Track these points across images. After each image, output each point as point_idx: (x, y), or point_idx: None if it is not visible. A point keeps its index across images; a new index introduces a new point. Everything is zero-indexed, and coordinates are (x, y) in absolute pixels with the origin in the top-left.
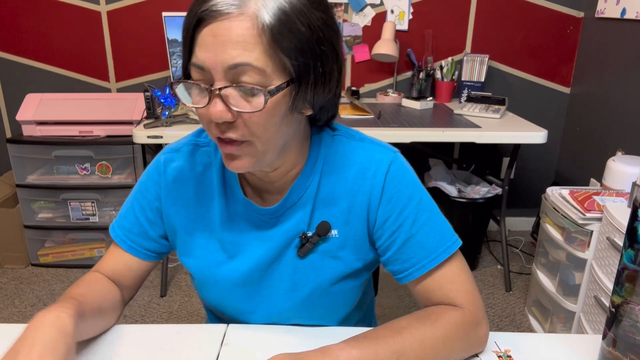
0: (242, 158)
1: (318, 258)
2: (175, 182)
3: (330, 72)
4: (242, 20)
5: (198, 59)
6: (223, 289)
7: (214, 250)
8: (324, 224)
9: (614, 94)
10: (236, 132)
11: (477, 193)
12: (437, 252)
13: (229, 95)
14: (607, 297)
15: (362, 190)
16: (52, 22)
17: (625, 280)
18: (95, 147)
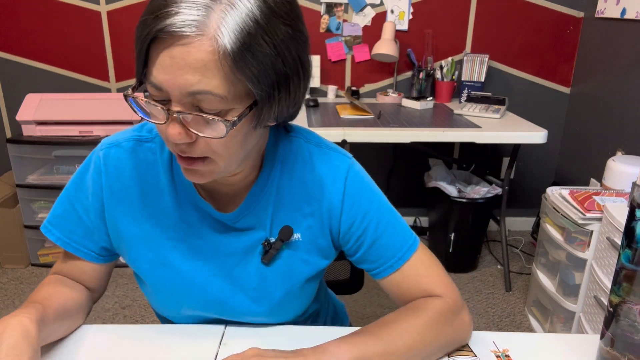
0: (202, 173)
1: (284, 263)
2: (118, 179)
3: (296, 88)
4: (202, 44)
5: (155, 78)
6: (181, 295)
7: (169, 254)
8: (286, 229)
9: (614, 94)
10: (196, 151)
11: (477, 193)
12: (403, 251)
13: (188, 120)
14: (607, 297)
15: (322, 196)
16: (52, 22)
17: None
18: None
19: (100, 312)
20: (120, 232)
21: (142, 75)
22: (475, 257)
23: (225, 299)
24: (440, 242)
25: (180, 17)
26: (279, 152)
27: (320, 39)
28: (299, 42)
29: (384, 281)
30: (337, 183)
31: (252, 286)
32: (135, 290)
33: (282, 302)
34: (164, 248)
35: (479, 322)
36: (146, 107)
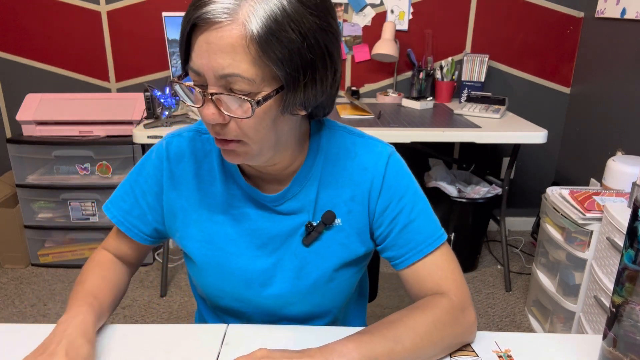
0: (237, 153)
1: (323, 246)
2: (178, 165)
3: (322, 77)
4: (232, 30)
5: (194, 63)
6: (225, 273)
7: (217, 235)
8: (329, 214)
9: (614, 94)
10: (229, 133)
11: (477, 193)
12: (433, 238)
13: (221, 100)
14: (607, 297)
15: (363, 179)
16: (52, 22)
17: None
18: (95, 147)
19: None
20: (175, 212)
21: (186, 63)
22: (475, 257)
23: (266, 279)
24: None
25: (215, 6)
26: (322, 142)
27: None
28: (327, 33)
29: (407, 270)
30: (378, 167)
31: (290, 266)
32: (135, 290)
33: (315, 284)
34: (212, 229)
35: (479, 322)
36: (186, 93)
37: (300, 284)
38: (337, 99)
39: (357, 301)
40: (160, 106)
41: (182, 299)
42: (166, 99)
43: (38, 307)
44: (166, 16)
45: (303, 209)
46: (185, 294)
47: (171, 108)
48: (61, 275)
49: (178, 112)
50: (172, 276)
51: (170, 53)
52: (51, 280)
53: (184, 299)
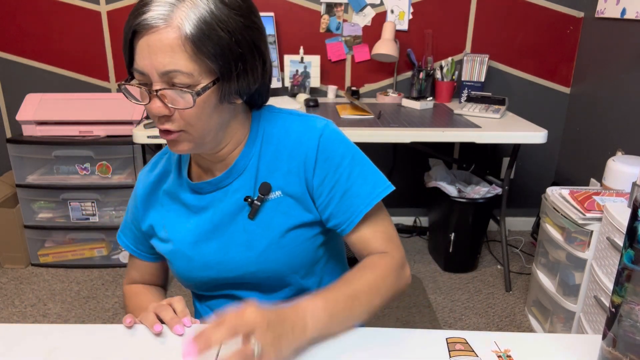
0: (181, 143)
1: (267, 216)
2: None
3: (252, 67)
4: (169, 32)
5: (138, 65)
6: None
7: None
8: (264, 185)
9: (614, 94)
10: (173, 123)
11: (477, 193)
12: (371, 197)
13: (165, 95)
14: (607, 297)
15: (298, 152)
16: (52, 22)
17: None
18: (95, 147)
19: (100, 312)
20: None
21: (130, 66)
22: (475, 257)
23: (222, 256)
24: (440, 242)
25: (152, 13)
26: (261, 126)
27: (320, 39)
28: (252, 30)
29: (352, 235)
30: (312, 140)
31: (238, 239)
32: None
33: (265, 252)
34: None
35: (479, 322)
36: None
37: (251, 253)
38: (337, 99)
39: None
40: None
41: None
42: None
43: (38, 307)
44: None
45: (245, 187)
46: (185, 294)
47: None
48: (61, 275)
49: None
50: (172, 276)
51: None
52: (51, 280)
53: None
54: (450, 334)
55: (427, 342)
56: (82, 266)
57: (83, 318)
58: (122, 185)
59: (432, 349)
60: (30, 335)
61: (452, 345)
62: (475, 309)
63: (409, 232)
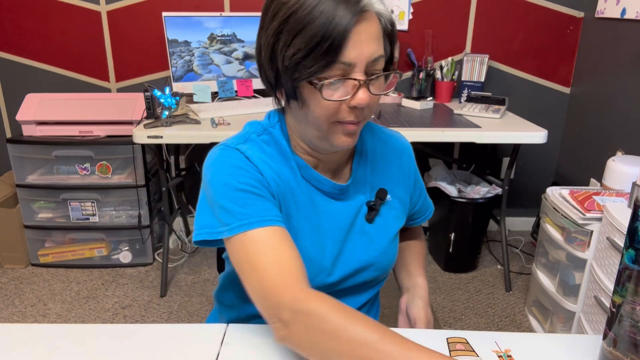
0: (355, 134)
1: (382, 220)
2: (262, 165)
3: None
4: (375, 20)
5: (346, 56)
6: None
7: (300, 229)
8: (382, 190)
9: (614, 94)
10: (364, 114)
11: (477, 193)
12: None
13: (371, 84)
14: (607, 297)
15: (402, 156)
16: (52, 22)
17: (626, 280)
18: (95, 147)
19: (100, 312)
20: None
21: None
22: (475, 257)
23: (332, 263)
24: (440, 242)
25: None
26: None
27: None
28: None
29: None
30: (406, 149)
31: (361, 244)
32: (135, 290)
33: (384, 252)
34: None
35: (479, 322)
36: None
37: (374, 254)
38: None
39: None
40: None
41: (182, 299)
42: (166, 99)
43: (38, 307)
44: (166, 16)
45: (362, 190)
46: (185, 294)
47: (171, 108)
48: (61, 275)
49: (178, 112)
50: (172, 276)
51: (170, 53)
52: (51, 280)
53: (184, 299)
54: (450, 334)
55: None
56: (82, 266)
57: (83, 318)
58: (122, 185)
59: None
60: (31, 335)
61: (453, 345)
62: (475, 309)
63: None
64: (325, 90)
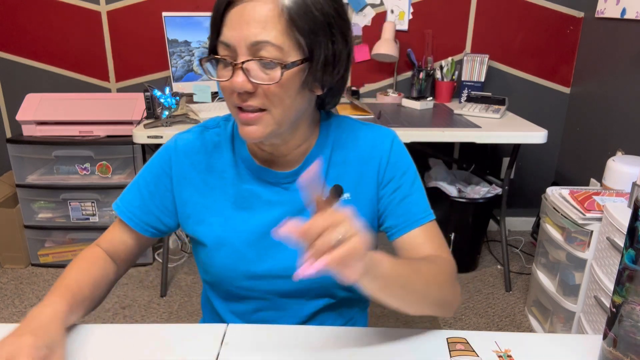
0: (258, 126)
1: None
2: (187, 155)
3: (339, 55)
4: (266, 3)
5: (225, 36)
6: (237, 251)
7: (229, 216)
8: (337, 187)
9: (614, 94)
10: (255, 100)
11: (477, 193)
12: (427, 212)
13: (250, 69)
14: (607, 297)
15: (371, 156)
16: (52, 22)
17: (626, 280)
18: (95, 147)
19: (100, 312)
20: (186, 201)
21: (216, 40)
22: (475, 257)
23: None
24: None
25: None
26: (332, 127)
27: None
28: (342, 19)
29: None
30: (385, 144)
31: None
32: (135, 290)
33: None
34: (225, 213)
35: (479, 322)
36: (213, 70)
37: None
38: None
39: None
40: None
41: (182, 299)
42: (166, 99)
43: None
44: (166, 16)
45: None
46: (185, 294)
47: (171, 108)
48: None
49: (178, 112)
50: (172, 276)
51: (170, 53)
52: (51, 280)
53: (184, 299)
54: (450, 334)
55: (427, 342)
56: None
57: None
58: (122, 185)
59: (433, 348)
60: None
61: (453, 345)
62: (475, 309)
63: None
64: (209, 68)
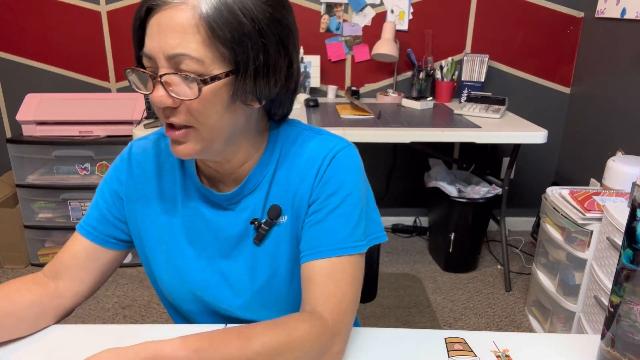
0: (186, 144)
1: (272, 245)
2: (139, 163)
3: (274, 65)
4: (183, 10)
5: (146, 47)
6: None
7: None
8: (274, 208)
9: (614, 94)
10: (178, 117)
11: (477, 193)
12: (340, 245)
13: (170, 82)
14: (607, 297)
15: (309, 173)
16: (52, 22)
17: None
18: (95, 147)
19: (100, 312)
20: (135, 211)
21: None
22: (475, 257)
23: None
24: (440, 242)
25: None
26: (279, 141)
27: (320, 39)
28: (281, 25)
29: (304, 266)
30: (325, 161)
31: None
32: (135, 290)
33: (268, 285)
34: (168, 229)
35: (479, 322)
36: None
37: (254, 286)
38: (337, 99)
39: None
40: None
41: None
42: None
43: None
44: None
45: (255, 207)
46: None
47: None
48: None
49: None
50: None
51: None
52: None
53: None
54: (449, 334)
55: (426, 342)
56: None
57: (83, 318)
58: None
59: (431, 348)
60: (30, 335)
61: (451, 345)
62: (475, 309)
63: (409, 232)
64: (133, 80)
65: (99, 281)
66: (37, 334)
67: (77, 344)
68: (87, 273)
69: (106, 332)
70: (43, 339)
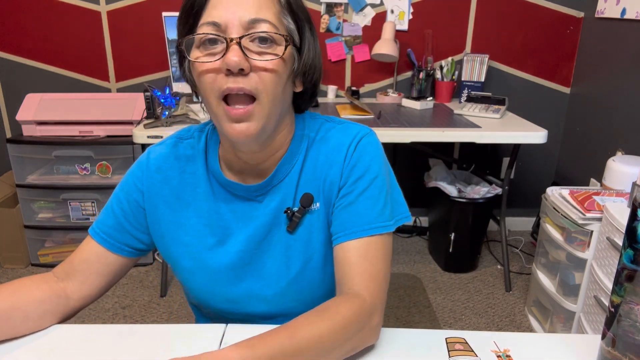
0: (250, 122)
1: (306, 232)
2: (159, 170)
3: (315, 43)
4: None
5: (212, 16)
6: (214, 273)
7: (203, 235)
8: (306, 196)
9: (614, 94)
10: (249, 83)
11: (477, 193)
12: (375, 225)
13: (247, 46)
14: (607, 297)
15: (337, 159)
16: (52, 22)
17: (625, 280)
18: (95, 147)
19: (100, 312)
20: (158, 218)
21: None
22: (475, 257)
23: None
24: (440, 242)
25: None
26: (305, 131)
27: (320, 38)
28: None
29: (338, 248)
30: (351, 146)
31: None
32: (135, 290)
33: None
34: (197, 230)
35: (479, 322)
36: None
37: (289, 274)
38: (337, 99)
39: None
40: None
41: (182, 298)
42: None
43: None
44: (166, 16)
45: (285, 196)
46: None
47: (171, 108)
48: None
49: (178, 112)
50: (172, 276)
51: (170, 53)
52: None
53: (184, 299)
54: (449, 334)
55: (426, 342)
56: None
57: (83, 318)
58: None
59: (432, 348)
60: (30, 335)
61: (452, 345)
62: (475, 309)
63: (409, 232)
64: (193, 51)
65: (109, 285)
66: (37, 333)
67: (77, 343)
68: (98, 277)
69: (106, 332)
70: (43, 339)
